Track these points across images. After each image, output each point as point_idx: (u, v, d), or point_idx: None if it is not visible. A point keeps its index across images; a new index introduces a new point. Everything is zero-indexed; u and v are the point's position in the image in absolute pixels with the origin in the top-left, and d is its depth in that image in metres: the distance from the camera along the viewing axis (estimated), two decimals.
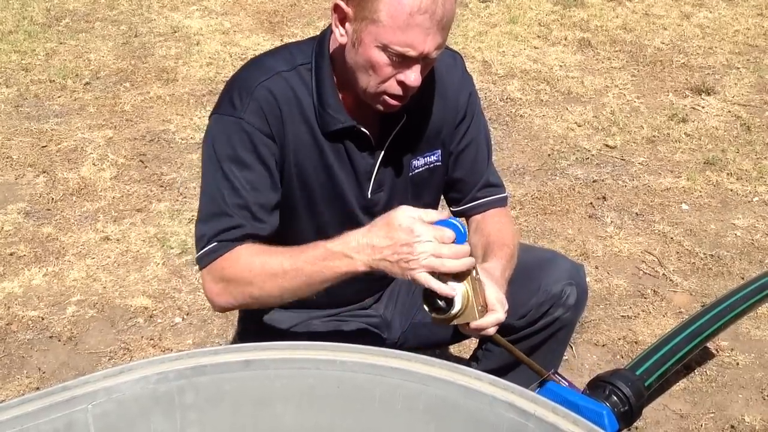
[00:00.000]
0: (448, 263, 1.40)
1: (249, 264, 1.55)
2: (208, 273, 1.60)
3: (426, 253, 1.39)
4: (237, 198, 1.58)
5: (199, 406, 1.41)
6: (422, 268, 1.40)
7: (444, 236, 1.41)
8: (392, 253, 1.41)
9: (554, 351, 1.91)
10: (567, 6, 5.46)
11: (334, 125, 1.63)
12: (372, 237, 1.44)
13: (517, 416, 1.33)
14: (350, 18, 1.51)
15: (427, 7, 1.43)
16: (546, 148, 3.85)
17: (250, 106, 1.58)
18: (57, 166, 3.61)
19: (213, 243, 1.59)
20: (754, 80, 4.55)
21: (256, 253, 1.56)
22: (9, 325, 2.70)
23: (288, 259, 1.51)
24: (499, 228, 1.79)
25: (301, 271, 1.50)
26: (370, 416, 1.43)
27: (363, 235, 1.45)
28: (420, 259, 1.40)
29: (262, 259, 1.54)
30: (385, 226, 1.43)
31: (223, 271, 1.57)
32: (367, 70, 1.52)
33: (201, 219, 1.63)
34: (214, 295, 1.60)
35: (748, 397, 2.47)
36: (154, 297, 2.84)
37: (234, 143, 1.58)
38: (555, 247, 3.11)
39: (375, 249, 1.43)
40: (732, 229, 3.29)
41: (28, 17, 5.16)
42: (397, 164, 1.73)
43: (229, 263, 1.57)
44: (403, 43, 1.46)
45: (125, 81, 4.38)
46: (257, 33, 5.00)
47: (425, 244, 1.39)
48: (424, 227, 1.40)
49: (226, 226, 1.58)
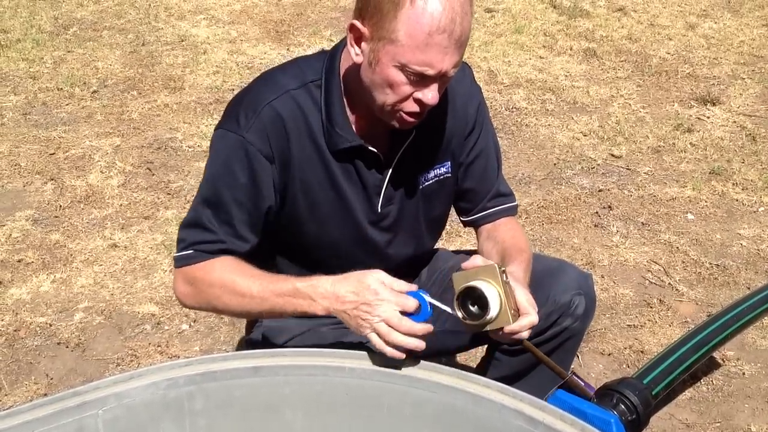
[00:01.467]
0: (394, 335, 1.44)
1: (221, 278, 1.62)
2: (180, 274, 1.67)
3: (379, 318, 1.45)
4: (223, 213, 1.64)
5: (208, 412, 1.41)
6: (372, 330, 1.46)
7: (405, 305, 1.45)
8: (353, 308, 1.48)
9: (562, 360, 1.90)
10: (572, 16, 5.48)
11: (341, 144, 1.64)
12: (340, 288, 1.50)
13: (526, 424, 1.34)
14: (367, 38, 1.52)
15: (446, 26, 1.44)
16: (551, 158, 3.86)
17: (254, 125, 1.60)
18: (65, 173, 3.62)
19: (190, 250, 1.66)
20: (759, 90, 4.56)
21: (230, 269, 1.63)
22: (17, 331, 2.71)
23: (257, 285, 1.59)
24: (513, 234, 1.80)
25: (266, 300, 1.58)
26: (378, 423, 1.44)
27: (332, 284, 1.51)
28: (374, 321, 1.45)
29: (233, 278, 1.61)
30: (355, 282, 1.49)
31: (195, 278, 1.65)
32: (384, 89, 1.53)
33: (186, 223, 1.69)
34: (182, 296, 1.69)
35: (754, 407, 2.47)
36: (162, 304, 2.85)
37: (231, 160, 1.62)
38: (561, 256, 3.11)
39: (339, 299, 1.50)
40: (737, 239, 3.29)
41: (36, 26, 5.19)
42: (407, 178, 1.74)
43: (202, 272, 1.64)
44: (421, 62, 1.48)
45: (132, 89, 4.41)
46: (264, 42, 5.02)
47: (384, 309, 1.45)
48: (389, 293, 1.46)
49: (206, 239, 1.65)
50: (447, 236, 3.16)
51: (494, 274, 1.45)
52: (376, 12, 1.48)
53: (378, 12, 1.48)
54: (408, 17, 1.45)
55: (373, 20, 1.49)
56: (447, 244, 3.10)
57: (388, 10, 1.46)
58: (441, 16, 1.44)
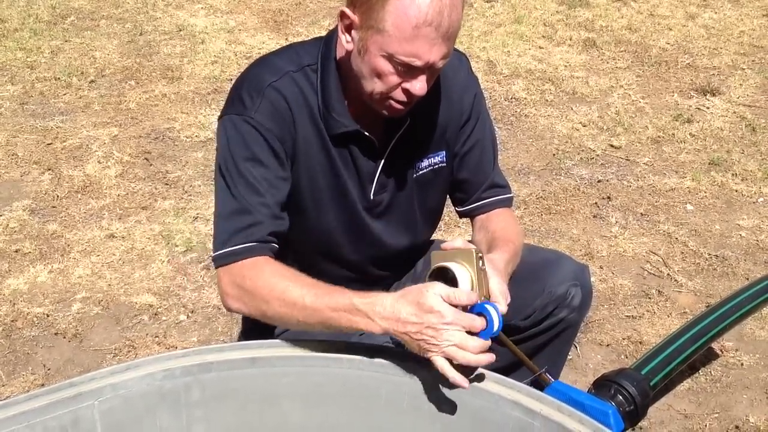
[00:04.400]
0: (468, 356, 1.36)
1: (271, 284, 1.52)
2: (227, 274, 1.57)
3: (449, 342, 1.36)
4: (256, 196, 1.58)
5: (205, 402, 1.41)
6: (442, 354, 1.37)
7: (473, 326, 1.37)
8: (416, 332, 1.38)
9: (559, 351, 1.91)
10: (572, 6, 5.46)
11: (338, 128, 1.64)
12: (401, 309, 1.39)
13: (523, 415, 1.33)
14: (356, 26, 1.51)
15: (433, 18, 1.43)
16: (551, 148, 3.85)
17: (261, 106, 1.58)
18: (62, 163, 3.61)
19: (235, 245, 1.56)
20: (759, 81, 4.55)
21: (280, 275, 1.53)
22: (14, 321, 2.71)
23: (311, 296, 1.48)
24: (504, 226, 1.79)
25: (320, 312, 1.47)
26: (376, 414, 1.44)
27: (392, 304, 1.40)
28: (442, 346, 1.36)
29: (286, 284, 1.51)
30: (415, 303, 1.38)
31: (243, 279, 1.55)
32: (373, 78, 1.53)
33: (221, 216, 1.61)
34: (229, 298, 1.57)
35: (752, 398, 2.47)
36: (159, 294, 2.85)
37: (249, 142, 1.58)
38: (559, 246, 3.11)
39: (400, 322, 1.39)
40: (737, 230, 3.28)
41: (33, 15, 5.16)
42: (400, 166, 1.73)
43: (252, 273, 1.54)
44: (408, 53, 1.47)
45: (130, 79, 4.39)
46: (262, 32, 5.00)
47: (452, 333, 1.36)
48: (455, 315, 1.37)
49: (247, 223, 1.57)
50: (445, 227, 3.15)
51: (470, 258, 1.41)
52: (365, 1, 1.47)
53: (367, 1, 1.47)
54: (396, 8, 1.44)
55: (362, 8, 1.48)
56: (445, 235, 3.09)
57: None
58: (429, 8, 1.43)
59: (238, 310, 1.59)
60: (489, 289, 1.47)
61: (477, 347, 1.36)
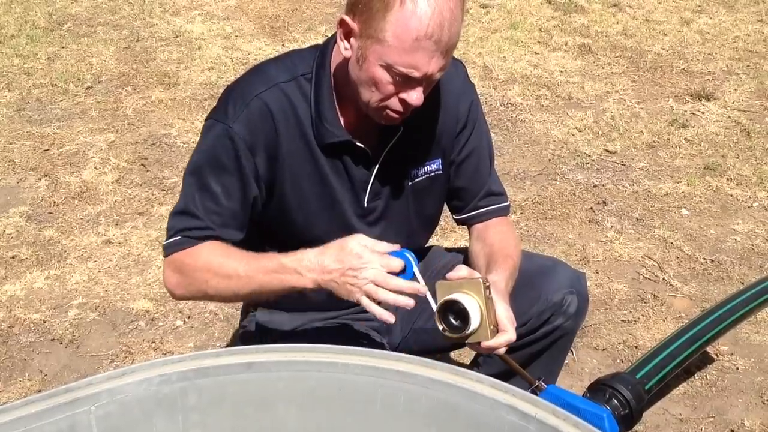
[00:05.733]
0: (383, 293, 1.47)
1: (207, 263, 1.62)
2: (169, 263, 1.67)
3: (367, 280, 1.47)
4: (210, 202, 1.64)
5: (201, 407, 1.41)
6: (363, 293, 1.48)
7: (390, 265, 1.47)
8: (340, 275, 1.49)
9: (555, 358, 1.91)
10: (567, 12, 5.48)
11: (329, 138, 1.65)
12: (324, 258, 1.51)
13: (519, 419, 1.33)
14: (356, 34, 1.52)
15: (433, 32, 1.44)
16: (546, 153, 3.86)
17: (242, 116, 1.60)
18: (59, 169, 3.61)
19: (178, 236, 1.65)
20: (753, 86, 4.57)
21: (217, 253, 1.62)
22: (11, 327, 2.71)
23: (244, 265, 1.58)
24: (501, 238, 1.79)
25: (253, 279, 1.57)
26: (371, 419, 1.44)
27: (315, 255, 1.52)
28: (362, 285, 1.47)
29: (220, 261, 1.61)
30: (338, 249, 1.50)
31: (182, 265, 1.64)
32: (370, 87, 1.54)
33: (175, 212, 1.68)
34: (172, 286, 1.67)
35: (747, 402, 2.48)
36: (156, 300, 2.85)
37: (218, 149, 1.62)
38: (555, 251, 3.11)
39: (324, 270, 1.51)
40: (732, 234, 3.29)
41: (30, 21, 5.17)
42: (395, 174, 1.74)
43: (189, 258, 1.63)
44: (407, 64, 1.48)
45: (127, 85, 4.40)
46: (259, 38, 5.01)
47: (369, 270, 1.47)
48: (372, 255, 1.48)
49: (194, 225, 1.64)
50: (441, 233, 3.16)
51: (478, 288, 1.47)
52: (366, 10, 1.48)
53: (368, 10, 1.48)
54: (396, 19, 1.45)
55: (363, 17, 1.49)
56: (441, 241, 3.10)
57: (378, 9, 1.46)
58: (429, 21, 1.44)
59: (182, 297, 1.71)
60: (497, 317, 1.50)
61: (393, 285, 1.47)
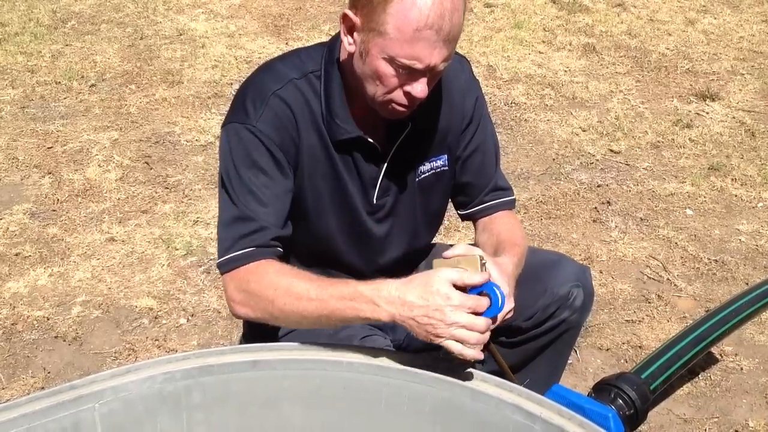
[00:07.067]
0: (478, 336, 1.38)
1: (275, 282, 1.53)
2: (232, 280, 1.58)
3: (457, 325, 1.37)
4: (258, 203, 1.59)
5: (206, 406, 1.41)
6: (451, 337, 1.37)
7: (480, 306, 1.39)
8: (423, 315, 1.38)
9: (560, 353, 1.92)
10: (572, 11, 5.47)
11: (341, 135, 1.64)
12: (406, 292, 1.39)
13: (524, 419, 1.33)
14: (358, 28, 1.52)
15: (434, 22, 1.44)
16: (550, 153, 3.86)
17: (264, 114, 1.59)
18: (62, 167, 3.61)
19: (238, 251, 1.57)
20: (758, 86, 4.56)
21: (284, 273, 1.54)
22: (14, 324, 2.71)
23: (315, 288, 1.48)
24: (509, 228, 1.80)
25: (326, 303, 1.47)
26: (376, 417, 1.44)
27: (397, 288, 1.41)
28: (450, 329, 1.37)
29: (289, 281, 1.52)
30: (422, 285, 1.39)
31: (248, 284, 1.55)
32: (374, 81, 1.53)
33: (223, 223, 1.62)
34: (235, 304, 1.58)
35: (752, 402, 2.47)
36: (159, 298, 2.85)
37: (251, 150, 1.59)
38: (559, 251, 3.10)
39: (406, 305, 1.39)
40: (736, 235, 3.29)
41: (34, 19, 5.17)
42: (403, 170, 1.74)
43: (255, 276, 1.55)
44: (409, 56, 1.47)
45: (131, 83, 4.39)
46: (262, 36, 5.01)
47: (459, 315, 1.37)
48: (460, 297, 1.38)
49: (250, 229, 1.57)
50: (445, 231, 3.15)
51: (474, 264, 1.42)
52: (367, 3, 1.48)
53: (369, 3, 1.47)
54: (397, 11, 1.44)
55: (364, 11, 1.49)
56: (445, 239, 3.10)
57: (379, 2, 1.46)
58: (430, 11, 1.43)
59: (246, 316, 1.59)
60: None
61: (484, 326, 1.38)
